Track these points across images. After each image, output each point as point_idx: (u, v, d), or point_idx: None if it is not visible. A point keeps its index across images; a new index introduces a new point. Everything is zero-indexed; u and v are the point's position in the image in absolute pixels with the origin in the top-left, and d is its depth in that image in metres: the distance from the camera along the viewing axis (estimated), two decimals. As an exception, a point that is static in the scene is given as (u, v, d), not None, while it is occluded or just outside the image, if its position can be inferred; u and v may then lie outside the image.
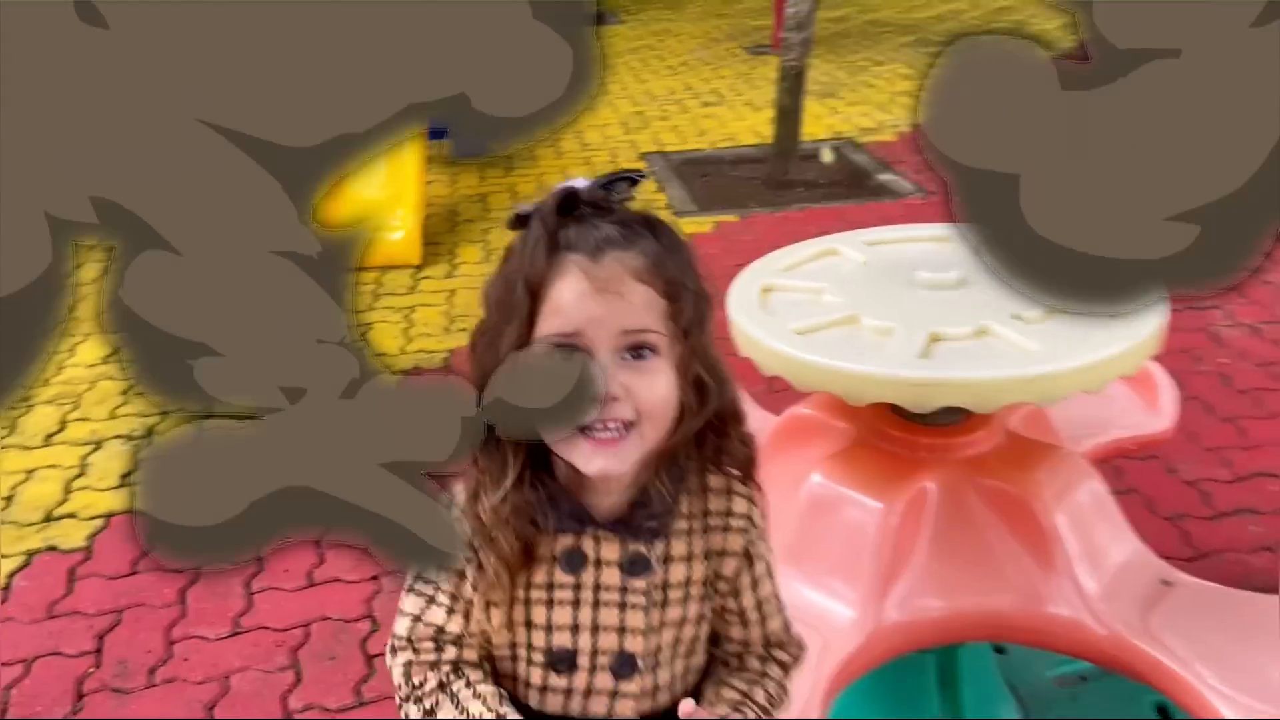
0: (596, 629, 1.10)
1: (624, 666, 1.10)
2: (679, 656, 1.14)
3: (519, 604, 1.09)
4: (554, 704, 1.12)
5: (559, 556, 1.09)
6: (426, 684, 1.12)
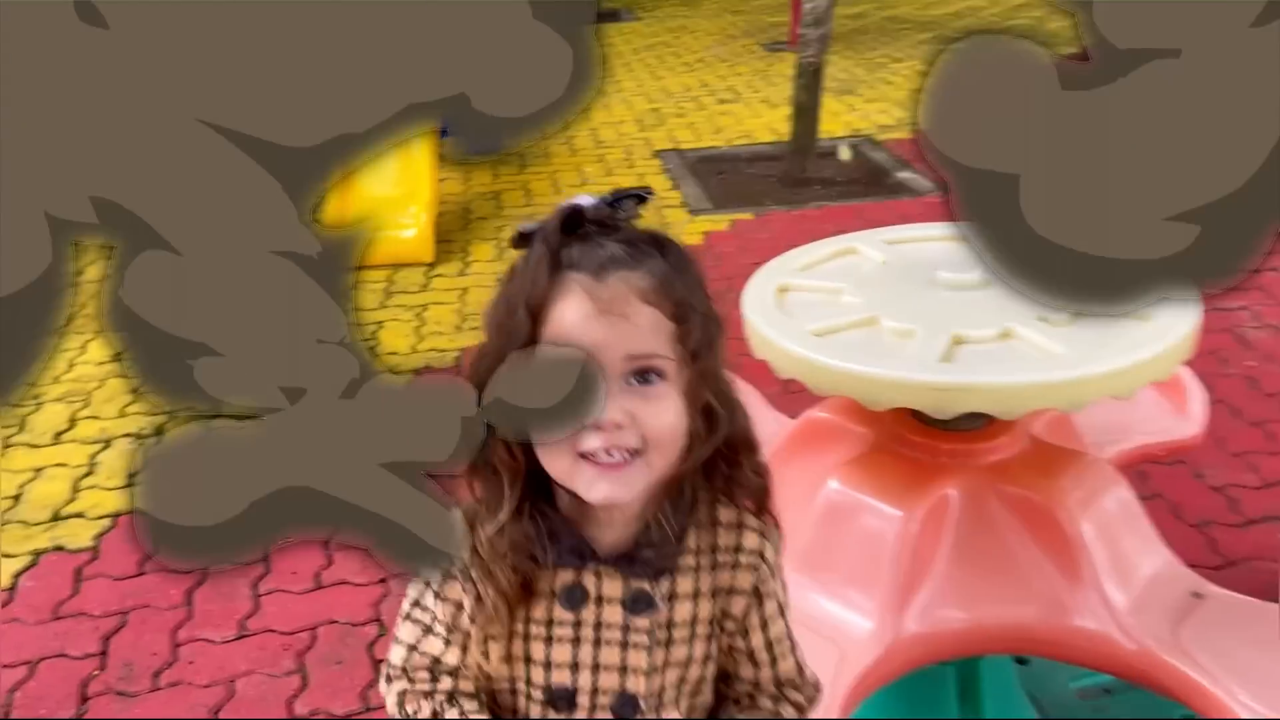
0: (597, 668, 1.05)
1: (625, 706, 1.06)
2: (684, 696, 1.10)
3: (518, 639, 1.05)
4: None
5: (558, 592, 1.04)
6: (420, 713, 1.09)
